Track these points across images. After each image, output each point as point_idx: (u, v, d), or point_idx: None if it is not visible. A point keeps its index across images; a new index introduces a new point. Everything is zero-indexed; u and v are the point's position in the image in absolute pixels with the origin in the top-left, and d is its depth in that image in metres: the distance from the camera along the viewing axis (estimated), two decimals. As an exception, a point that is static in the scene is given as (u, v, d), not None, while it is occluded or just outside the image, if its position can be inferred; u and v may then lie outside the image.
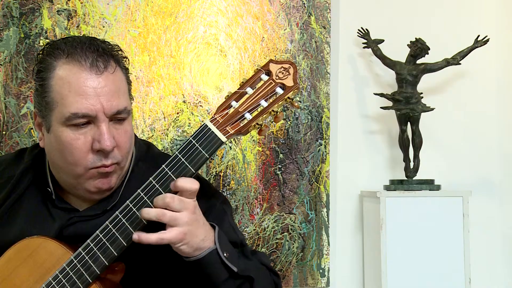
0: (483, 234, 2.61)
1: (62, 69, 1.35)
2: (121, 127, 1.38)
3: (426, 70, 2.50)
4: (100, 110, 1.33)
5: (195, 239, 1.31)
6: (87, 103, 1.33)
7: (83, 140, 1.35)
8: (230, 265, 1.35)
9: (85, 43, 1.36)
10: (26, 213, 1.46)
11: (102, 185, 1.39)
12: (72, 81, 1.33)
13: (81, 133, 1.35)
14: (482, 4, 2.71)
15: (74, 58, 1.34)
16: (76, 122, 1.34)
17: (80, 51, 1.34)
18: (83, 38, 1.39)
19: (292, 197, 2.52)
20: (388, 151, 2.68)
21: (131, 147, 1.44)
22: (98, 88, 1.33)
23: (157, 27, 2.49)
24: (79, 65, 1.34)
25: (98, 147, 1.34)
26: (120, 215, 1.34)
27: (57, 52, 1.36)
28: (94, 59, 1.34)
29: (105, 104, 1.33)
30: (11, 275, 1.38)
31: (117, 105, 1.35)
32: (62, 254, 1.36)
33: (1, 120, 2.41)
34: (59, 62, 1.35)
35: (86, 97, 1.33)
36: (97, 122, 1.34)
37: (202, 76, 2.51)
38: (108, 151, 1.35)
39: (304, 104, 2.54)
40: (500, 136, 2.68)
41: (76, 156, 1.36)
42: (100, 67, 1.34)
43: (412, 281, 2.38)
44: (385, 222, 2.38)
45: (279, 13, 2.55)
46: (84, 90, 1.33)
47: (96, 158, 1.36)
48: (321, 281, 2.52)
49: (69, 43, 1.36)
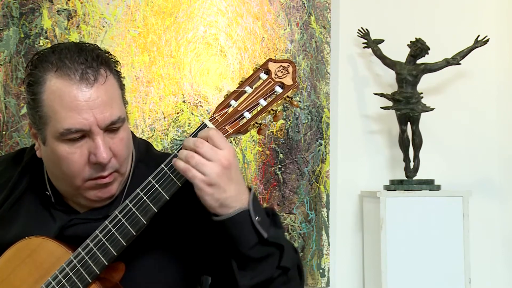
0: (483, 234, 2.61)
1: (52, 83, 1.31)
2: (116, 136, 1.36)
3: (426, 70, 2.50)
4: (94, 123, 1.30)
5: (222, 194, 1.26)
6: (80, 118, 1.30)
7: (79, 154, 1.33)
8: (261, 230, 1.27)
9: (73, 54, 1.32)
10: (26, 214, 1.45)
11: (103, 195, 1.38)
12: (63, 96, 1.30)
13: (76, 147, 1.32)
14: (482, 4, 2.70)
15: (63, 71, 1.30)
16: (71, 137, 1.31)
17: (69, 63, 1.31)
18: (71, 47, 1.35)
19: (292, 197, 2.52)
20: (388, 151, 2.68)
21: (130, 151, 1.43)
22: (89, 101, 1.30)
23: (157, 27, 2.49)
24: (68, 79, 1.30)
25: (94, 160, 1.32)
26: (119, 215, 1.34)
27: (45, 65, 1.32)
28: (84, 71, 1.30)
29: (98, 117, 1.30)
30: (11, 275, 1.37)
31: (110, 116, 1.32)
32: (62, 254, 1.36)
33: (1, 120, 2.41)
34: (49, 76, 1.31)
35: (79, 111, 1.29)
36: (91, 135, 1.31)
37: (202, 76, 2.51)
38: (105, 163, 1.32)
39: (304, 104, 2.54)
40: (500, 136, 2.68)
41: (74, 169, 1.34)
42: (90, 79, 1.30)
43: (412, 281, 2.37)
44: (385, 222, 2.37)
45: (279, 13, 2.55)
46: (76, 105, 1.29)
47: (94, 170, 1.34)
48: (321, 281, 2.52)
49: (57, 55, 1.32)
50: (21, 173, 1.48)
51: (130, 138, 1.43)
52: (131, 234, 1.33)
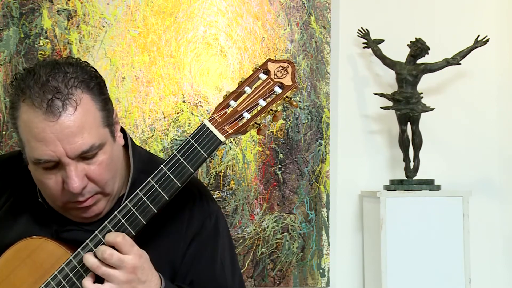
0: (483, 234, 2.61)
1: (23, 111, 1.29)
2: (93, 161, 1.32)
3: (426, 70, 2.50)
4: (63, 155, 1.28)
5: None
6: (48, 150, 1.27)
7: (54, 180, 1.32)
8: None
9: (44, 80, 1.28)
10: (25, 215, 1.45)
11: (87, 215, 1.38)
12: (32, 127, 1.28)
13: (51, 173, 1.31)
14: (482, 4, 2.70)
15: (32, 101, 1.27)
16: (43, 166, 1.31)
17: (37, 91, 1.27)
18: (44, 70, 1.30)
19: (292, 197, 2.52)
20: (388, 151, 2.68)
21: (114, 171, 1.39)
22: (56, 133, 1.27)
23: (157, 27, 2.49)
24: (35, 110, 1.26)
25: (67, 188, 1.31)
26: (119, 216, 1.34)
27: (18, 92, 1.30)
28: (50, 100, 1.26)
29: (67, 148, 1.27)
30: (10, 276, 1.38)
31: (80, 146, 1.28)
32: (61, 255, 1.36)
33: (1, 120, 2.41)
34: (20, 103, 1.29)
35: (46, 143, 1.27)
36: (63, 165, 1.30)
37: (202, 76, 2.51)
38: (77, 192, 1.31)
39: (304, 104, 2.54)
40: (500, 136, 2.68)
41: (52, 192, 1.34)
42: (56, 111, 1.26)
43: (412, 281, 2.37)
44: (385, 222, 2.37)
45: (279, 13, 2.55)
46: (43, 137, 1.27)
47: (70, 195, 1.32)
48: (321, 281, 2.52)
49: (28, 81, 1.29)
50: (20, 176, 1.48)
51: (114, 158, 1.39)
52: (130, 235, 1.33)
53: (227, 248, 1.50)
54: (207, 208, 1.48)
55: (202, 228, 1.45)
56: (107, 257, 1.28)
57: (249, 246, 2.48)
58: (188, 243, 1.44)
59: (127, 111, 2.45)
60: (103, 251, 1.29)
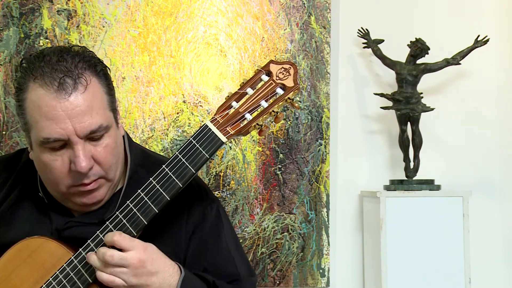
0: (483, 234, 2.61)
1: (32, 92, 1.31)
2: (99, 143, 1.35)
3: (426, 70, 2.50)
4: (72, 133, 1.30)
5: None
6: (58, 128, 1.30)
7: (61, 162, 1.33)
8: None
9: (54, 61, 1.31)
10: (24, 214, 1.46)
11: (88, 201, 1.39)
12: (42, 106, 1.30)
13: (58, 154, 1.33)
14: (482, 4, 2.70)
15: (42, 80, 1.30)
16: (51, 146, 1.32)
17: (49, 72, 1.30)
18: (53, 53, 1.33)
19: (292, 197, 2.52)
20: (388, 151, 2.68)
21: (118, 157, 1.41)
22: (67, 111, 1.29)
23: (157, 27, 2.49)
24: (46, 88, 1.30)
25: (74, 169, 1.32)
26: (120, 215, 1.35)
27: (28, 73, 1.32)
28: (62, 79, 1.29)
29: (76, 126, 1.30)
30: (12, 275, 1.38)
31: (89, 125, 1.31)
32: (63, 255, 1.37)
33: (1, 120, 2.41)
34: (30, 84, 1.32)
35: (56, 121, 1.29)
36: (71, 144, 1.31)
37: (202, 76, 2.51)
38: (84, 172, 1.32)
39: (304, 104, 2.54)
40: (500, 136, 2.68)
41: (56, 175, 1.35)
42: (68, 89, 1.29)
43: (412, 281, 2.37)
44: (385, 222, 2.38)
45: (279, 13, 2.55)
46: (53, 115, 1.29)
47: (76, 177, 1.34)
48: (321, 281, 2.52)
49: (38, 63, 1.32)
50: (18, 174, 1.49)
51: (118, 144, 1.41)
52: (131, 234, 1.34)
53: (231, 236, 1.51)
54: (206, 199, 1.49)
55: (203, 218, 1.46)
56: (108, 259, 1.29)
57: (249, 246, 2.49)
58: (190, 234, 1.45)
59: (127, 111, 2.45)
60: (104, 254, 1.29)
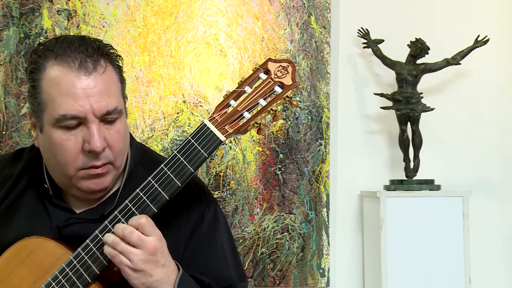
0: (483, 234, 2.61)
1: (51, 70, 1.34)
2: (112, 127, 1.37)
3: (426, 70, 2.50)
4: (90, 111, 1.32)
5: (149, 278, 1.30)
6: (76, 105, 1.31)
7: (74, 141, 1.34)
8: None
9: (75, 43, 1.35)
10: (24, 213, 1.46)
11: (95, 186, 1.39)
12: (61, 83, 1.32)
13: (71, 134, 1.34)
14: (482, 4, 2.70)
15: (63, 59, 1.33)
16: (66, 124, 1.33)
17: (70, 52, 1.33)
18: (74, 37, 1.38)
19: (292, 197, 2.52)
20: (388, 151, 2.68)
21: (125, 146, 1.43)
22: (87, 89, 1.32)
23: (157, 27, 2.49)
24: (68, 66, 1.32)
25: (88, 148, 1.33)
26: (119, 215, 1.34)
27: (47, 53, 1.35)
28: (83, 59, 1.33)
29: (94, 105, 1.32)
30: (10, 275, 1.38)
31: (106, 106, 1.34)
32: (61, 254, 1.36)
33: (1, 120, 2.41)
34: (49, 63, 1.34)
35: (75, 98, 1.31)
36: (87, 123, 1.33)
37: (202, 76, 2.51)
38: (98, 152, 1.33)
39: (304, 104, 2.54)
40: (500, 136, 2.68)
41: (67, 157, 1.35)
42: (89, 68, 1.33)
43: (412, 281, 2.37)
44: (385, 222, 2.37)
45: (279, 13, 2.55)
46: (73, 92, 1.31)
47: (87, 159, 1.35)
48: (321, 281, 2.52)
49: (59, 44, 1.35)
50: (22, 172, 1.49)
51: (127, 132, 1.44)
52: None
53: (227, 239, 1.51)
54: (205, 199, 1.49)
55: (202, 219, 1.46)
56: (127, 234, 1.29)
57: (249, 246, 2.48)
58: (189, 235, 1.45)
59: (127, 109, 2.45)
60: (124, 228, 1.30)
